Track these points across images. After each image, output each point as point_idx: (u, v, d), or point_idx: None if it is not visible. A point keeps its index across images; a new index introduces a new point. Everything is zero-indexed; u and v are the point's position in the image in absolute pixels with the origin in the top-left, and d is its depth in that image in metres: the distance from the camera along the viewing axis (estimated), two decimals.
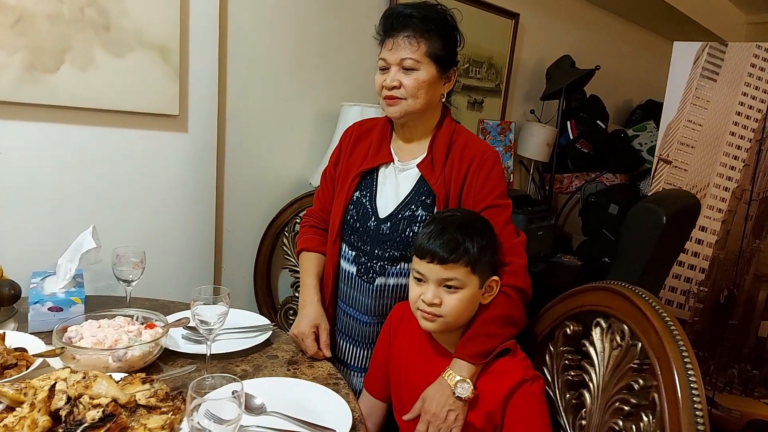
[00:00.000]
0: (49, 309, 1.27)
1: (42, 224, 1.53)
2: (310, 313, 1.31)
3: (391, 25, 1.24)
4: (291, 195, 2.14)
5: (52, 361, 1.08)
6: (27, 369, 0.99)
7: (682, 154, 2.76)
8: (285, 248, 2.09)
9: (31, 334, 1.23)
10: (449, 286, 1.08)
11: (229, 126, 1.95)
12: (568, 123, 3.45)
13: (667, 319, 0.93)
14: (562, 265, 2.94)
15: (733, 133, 2.63)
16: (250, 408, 1.02)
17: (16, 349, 1.05)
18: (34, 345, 1.12)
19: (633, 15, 4.03)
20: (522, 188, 3.52)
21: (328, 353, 1.26)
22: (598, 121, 3.44)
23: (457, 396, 1.07)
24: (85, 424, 0.83)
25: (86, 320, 1.18)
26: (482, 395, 1.09)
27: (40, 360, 1.02)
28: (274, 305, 2.15)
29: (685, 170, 2.77)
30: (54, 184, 1.55)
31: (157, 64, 1.64)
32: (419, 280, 1.11)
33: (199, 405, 0.78)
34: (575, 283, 2.71)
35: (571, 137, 3.45)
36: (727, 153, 2.65)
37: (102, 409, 0.85)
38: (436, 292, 1.08)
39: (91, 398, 0.89)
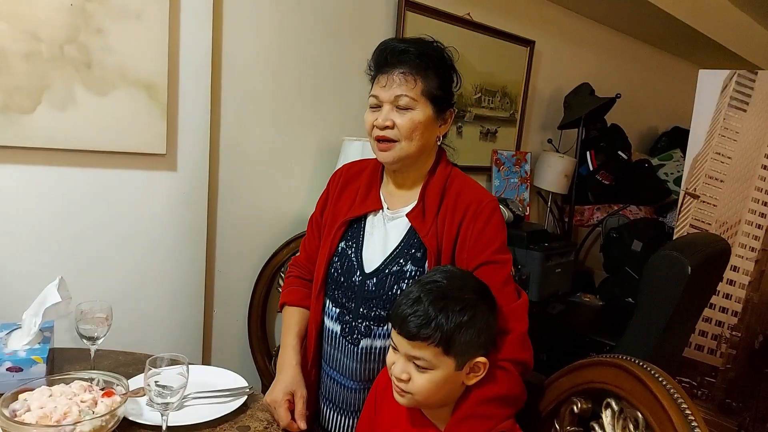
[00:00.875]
0: (7, 369, 1.17)
1: (14, 273, 1.46)
2: (286, 378, 1.18)
3: (385, 60, 1.14)
4: (289, 233, 2.04)
5: None
6: None
7: (710, 189, 2.58)
8: (281, 290, 1.98)
9: None
10: (417, 365, 0.94)
11: (222, 163, 1.87)
12: (588, 153, 3.30)
13: (688, 411, 0.78)
14: (581, 305, 2.77)
15: (765, 167, 2.45)
16: None
17: None
18: None
19: (655, 40, 3.88)
20: (539, 221, 3.37)
21: (303, 425, 1.13)
22: (620, 152, 3.28)
23: None
24: None
25: (42, 385, 1.08)
26: None
27: None
28: (268, 350, 2.04)
29: (714, 205, 2.58)
30: (31, 229, 1.48)
31: (143, 102, 1.57)
32: (393, 348, 0.98)
33: None
34: (596, 326, 2.54)
35: (591, 168, 3.29)
36: (759, 188, 2.46)
37: None
38: (404, 367, 0.95)
39: None
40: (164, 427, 1.00)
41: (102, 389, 1.10)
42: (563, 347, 2.36)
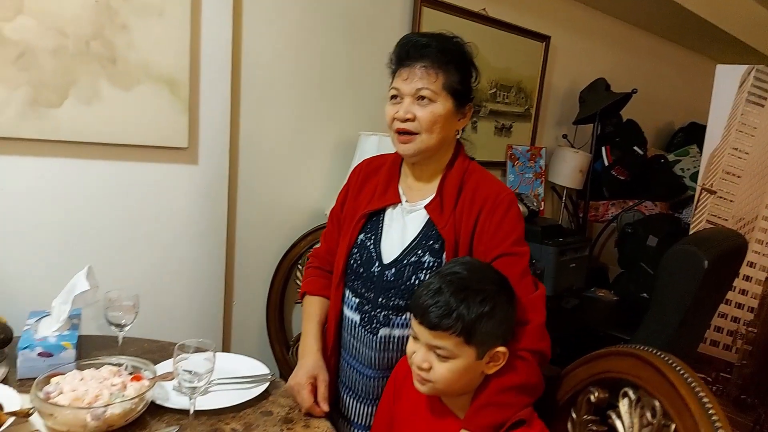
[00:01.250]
0: (38, 354, 1.21)
1: (44, 262, 1.50)
2: (308, 363, 1.21)
3: (407, 54, 1.16)
4: (306, 226, 2.06)
5: (33, 417, 1.02)
6: None
7: (727, 184, 2.57)
8: (299, 282, 2.01)
9: (19, 380, 1.18)
10: (438, 354, 0.96)
11: (242, 157, 1.90)
12: (603, 149, 3.29)
13: (705, 399, 0.79)
14: (596, 300, 2.77)
15: None
16: None
17: None
18: (15, 400, 1.06)
19: (672, 35, 3.85)
20: (554, 217, 3.37)
21: (325, 408, 1.15)
22: (635, 147, 3.27)
23: None
24: None
25: (73, 369, 1.11)
26: None
27: (11, 419, 0.96)
28: (286, 341, 2.07)
29: (731, 201, 2.57)
30: (58, 220, 1.52)
31: (166, 97, 1.60)
32: (414, 337, 1.00)
33: None
34: (611, 321, 2.54)
35: (606, 163, 3.29)
36: None
37: None
38: (425, 356, 0.97)
39: None
40: (192, 411, 1.03)
41: (130, 374, 1.14)
42: (577, 341, 2.36)
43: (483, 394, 1.00)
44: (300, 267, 2.03)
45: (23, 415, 0.97)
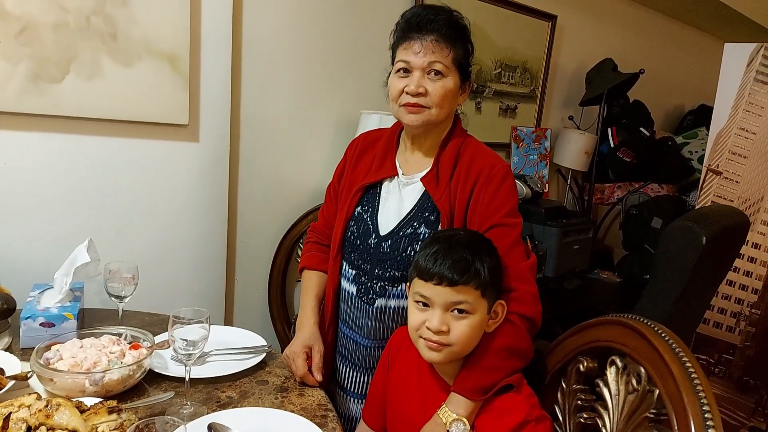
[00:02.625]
0: (41, 324, 1.24)
1: (46, 236, 1.52)
2: (304, 334, 1.24)
3: (417, 26, 1.14)
4: (308, 205, 2.08)
5: (33, 382, 1.05)
6: None
7: (733, 165, 2.54)
8: (300, 255, 2.03)
9: (22, 350, 1.21)
10: (459, 310, 0.97)
11: (243, 135, 1.91)
12: (609, 130, 3.26)
13: (688, 364, 0.80)
14: (599, 281, 2.77)
15: None
16: None
17: None
18: (16, 366, 1.09)
19: (682, 14, 3.79)
20: (559, 199, 3.35)
21: (319, 377, 1.18)
22: (642, 128, 3.24)
23: None
24: None
25: (74, 338, 1.14)
26: None
27: (12, 383, 0.98)
28: (288, 318, 2.10)
29: (736, 182, 2.55)
30: (59, 195, 1.54)
31: (166, 73, 1.61)
32: (423, 304, 1.01)
33: None
34: (613, 302, 2.54)
35: (612, 145, 3.26)
36: None
37: None
38: (443, 318, 0.98)
39: (50, 429, 0.84)
40: (188, 378, 1.05)
41: (129, 343, 1.16)
42: (578, 322, 2.37)
43: (472, 358, 1.02)
44: (301, 245, 2.04)
45: (22, 379, 1.00)
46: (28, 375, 1.00)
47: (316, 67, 2.05)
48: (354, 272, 1.26)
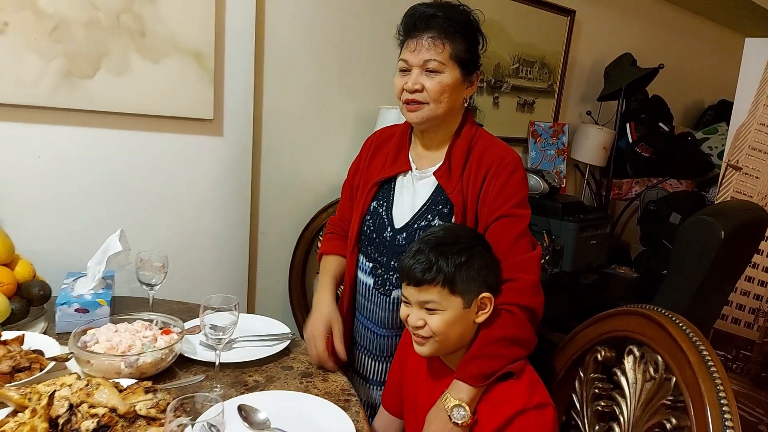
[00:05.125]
0: (75, 310, 1.29)
1: (78, 226, 1.58)
2: (323, 311, 1.27)
3: (414, 26, 1.18)
4: (327, 198, 2.12)
5: (70, 364, 1.10)
6: (39, 372, 1.01)
7: (753, 161, 2.53)
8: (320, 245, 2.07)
9: (58, 334, 1.26)
10: (428, 309, 1.02)
11: (265, 129, 1.95)
12: (628, 125, 3.25)
13: (705, 352, 0.82)
14: (616, 276, 2.78)
15: None
16: (254, 422, 0.99)
17: (34, 352, 1.07)
18: (55, 348, 1.14)
19: (702, 8, 3.75)
20: (576, 194, 3.36)
21: (343, 356, 1.22)
22: (661, 124, 3.22)
23: (454, 422, 1.00)
24: None
25: (108, 323, 1.19)
26: (481, 422, 1.01)
27: (52, 363, 1.04)
28: (308, 308, 2.14)
29: (756, 178, 2.54)
30: (91, 187, 1.59)
31: (192, 69, 1.66)
32: (405, 302, 1.07)
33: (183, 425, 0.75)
34: (629, 297, 2.54)
35: (631, 140, 3.25)
36: None
37: (98, 419, 0.85)
38: (418, 314, 1.03)
39: (91, 407, 0.88)
40: (217, 362, 1.10)
41: (160, 328, 1.21)
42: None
43: (473, 346, 1.05)
44: (320, 238, 2.08)
45: (62, 360, 1.05)
46: (68, 356, 1.06)
47: (335, 62, 2.08)
48: (371, 265, 1.29)
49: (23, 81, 1.42)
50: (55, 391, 0.89)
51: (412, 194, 1.25)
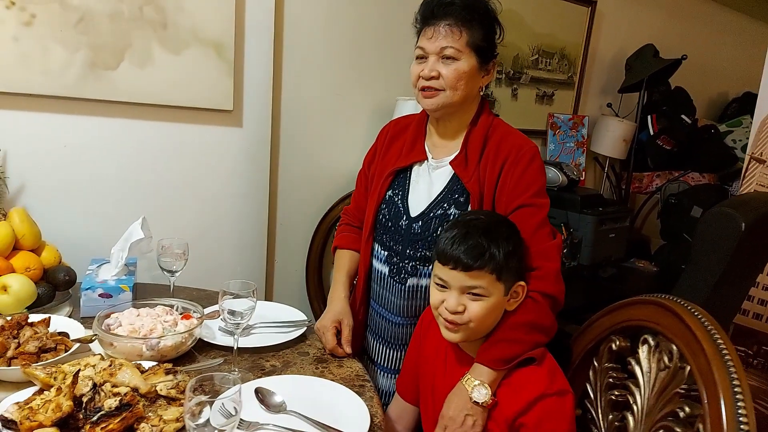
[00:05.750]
0: (99, 295, 1.33)
1: (103, 214, 1.62)
2: (335, 308, 1.29)
3: (431, 13, 1.18)
4: (345, 189, 2.13)
5: (94, 346, 1.13)
6: (64, 353, 1.04)
7: None
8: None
9: (82, 318, 1.30)
10: (474, 294, 1.01)
11: (284, 120, 1.97)
12: (649, 117, 3.21)
13: (720, 341, 0.82)
14: (635, 270, 2.75)
15: None
16: (270, 405, 1.01)
17: (59, 334, 1.11)
18: (79, 331, 1.18)
19: None
20: (596, 187, 3.32)
21: (348, 350, 1.23)
22: (683, 116, 3.17)
23: (474, 401, 1.01)
24: (102, 412, 0.85)
25: (130, 308, 1.23)
26: (501, 405, 1.02)
27: (77, 345, 1.07)
28: (324, 298, 2.15)
29: None
30: (114, 176, 1.63)
31: (213, 60, 1.68)
32: (441, 286, 1.05)
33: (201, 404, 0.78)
34: (648, 291, 2.52)
35: (652, 133, 3.20)
36: None
37: (120, 398, 0.88)
38: (459, 299, 1.02)
39: (114, 386, 0.91)
40: (235, 347, 1.12)
41: (181, 313, 1.24)
42: None
43: (494, 332, 1.06)
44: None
45: (87, 341, 1.08)
46: (93, 338, 1.09)
47: (353, 54, 2.09)
48: (386, 253, 1.30)
49: (49, 72, 1.46)
50: (79, 370, 0.92)
51: (428, 183, 1.26)
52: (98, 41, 1.50)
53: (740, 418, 0.73)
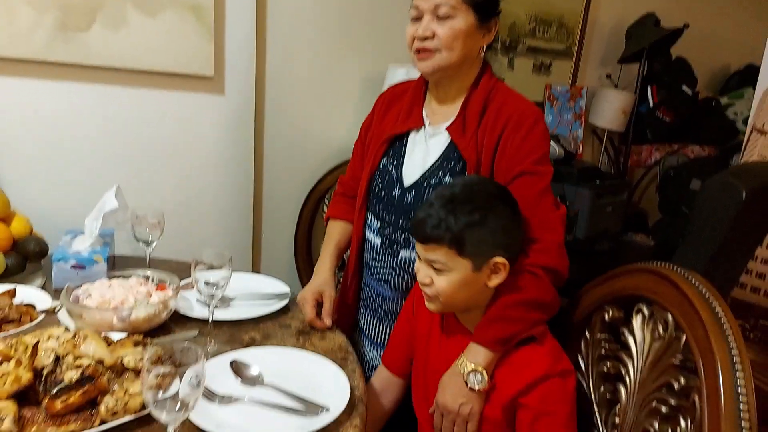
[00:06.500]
0: (72, 267, 1.28)
1: (76, 183, 1.56)
2: (318, 281, 1.25)
3: None
4: (334, 160, 2.07)
5: (63, 318, 1.08)
6: (29, 324, 0.99)
7: None
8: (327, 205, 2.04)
9: (55, 290, 1.25)
10: (435, 268, 0.96)
11: (269, 88, 1.90)
12: (649, 88, 3.12)
13: (718, 309, 0.77)
14: (631, 244, 2.70)
15: None
16: (246, 377, 0.97)
17: (25, 305, 1.05)
18: (47, 302, 1.13)
19: None
20: (593, 160, 3.26)
21: (328, 322, 1.19)
22: (684, 86, 3.09)
23: (470, 388, 0.96)
24: (62, 385, 0.80)
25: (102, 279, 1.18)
26: (499, 387, 0.97)
27: (42, 316, 1.02)
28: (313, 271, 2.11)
29: None
30: (88, 143, 1.57)
31: (190, 23, 1.61)
32: (418, 256, 1.01)
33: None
34: None
35: (652, 104, 3.13)
36: None
37: (82, 370, 0.83)
38: (425, 271, 0.98)
39: (77, 358, 0.86)
40: (210, 318, 1.07)
41: (156, 285, 1.19)
42: None
43: (492, 308, 1.00)
44: (327, 201, 2.05)
45: (51, 312, 1.03)
46: (56, 309, 1.04)
47: (343, 19, 2.01)
48: (379, 224, 1.24)
49: (16, 34, 1.39)
50: (39, 341, 0.87)
51: (424, 151, 1.19)
52: (68, 1, 1.42)
53: (739, 390, 0.68)
